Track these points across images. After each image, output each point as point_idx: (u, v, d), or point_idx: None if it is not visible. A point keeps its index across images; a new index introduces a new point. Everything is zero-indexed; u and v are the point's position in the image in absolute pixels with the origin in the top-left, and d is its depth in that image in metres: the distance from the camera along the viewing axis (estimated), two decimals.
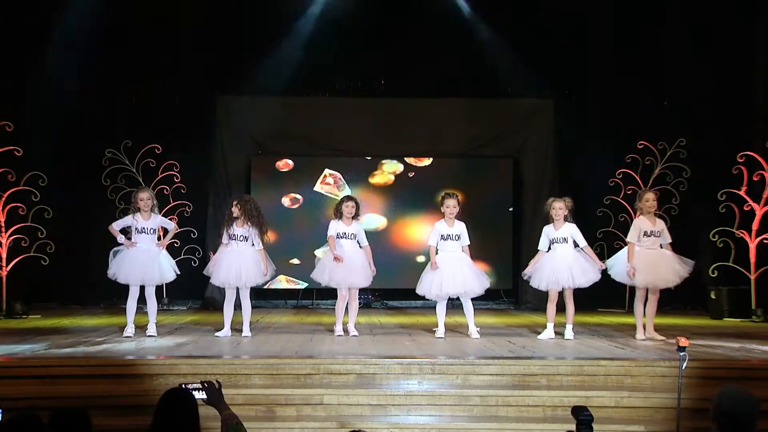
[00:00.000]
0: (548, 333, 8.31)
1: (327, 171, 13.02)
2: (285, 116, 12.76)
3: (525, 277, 8.55)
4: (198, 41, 12.15)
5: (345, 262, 8.40)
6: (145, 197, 8.31)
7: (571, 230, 8.22)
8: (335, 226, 8.56)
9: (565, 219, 8.28)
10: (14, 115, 11.00)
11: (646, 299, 8.26)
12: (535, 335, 8.46)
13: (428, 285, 8.34)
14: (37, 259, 11.06)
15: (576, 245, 8.24)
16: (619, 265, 8.31)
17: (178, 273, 8.60)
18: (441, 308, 8.45)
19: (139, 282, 8.23)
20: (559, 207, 8.25)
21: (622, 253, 8.35)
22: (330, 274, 8.48)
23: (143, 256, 8.21)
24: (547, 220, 8.37)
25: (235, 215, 8.29)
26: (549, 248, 8.32)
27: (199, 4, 12.01)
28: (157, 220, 8.47)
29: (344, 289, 8.51)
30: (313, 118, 12.81)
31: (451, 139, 12.95)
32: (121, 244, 8.25)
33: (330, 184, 13.00)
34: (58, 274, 11.55)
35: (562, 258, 8.18)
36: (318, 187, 13.00)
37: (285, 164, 13.10)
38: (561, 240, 8.21)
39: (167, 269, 8.41)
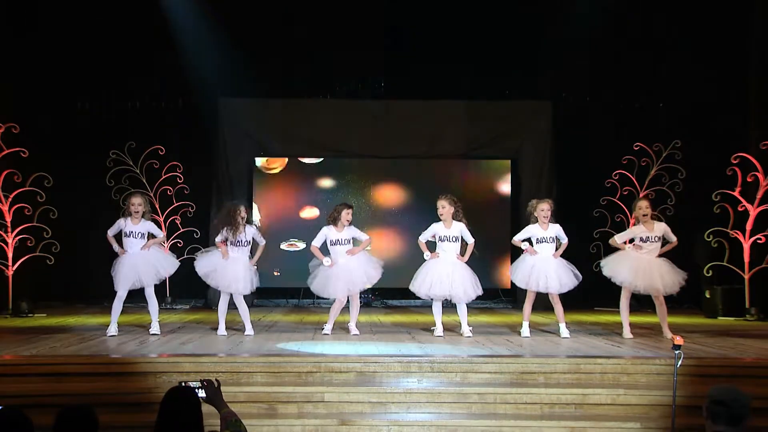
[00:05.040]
0: (524, 331, 8.49)
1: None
2: (287, 118, 12.89)
3: (510, 274, 8.71)
4: (201, 44, 12.26)
5: (342, 271, 8.44)
6: (136, 202, 8.39)
7: (557, 230, 8.45)
8: (326, 233, 8.58)
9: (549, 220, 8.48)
10: (20, 117, 11.12)
11: (652, 302, 8.48)
12: (533, 334, 8.57)
13: (419, 284, 8.44)
14: (43, 259, 11.16)
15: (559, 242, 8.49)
16: (610, 263, 8.47)
17: (178, 264, 8.71)
18: (437, 308, 8.57)
19: (132, 285, 8.31)
20: (548, 208, 8.41)
21: (616, 255, 8.50)
22: (333, 288, 8.50)
23: (132, 260, 8.30)
24: (530, 220, 8.56)
25: (243, 218, 8.36)
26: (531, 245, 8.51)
27: (201, 6, 12.10)
28: (147, 225, 8.49)
29: (344, 297, 8.60)
30: (315, 120, 12.90)
31: (451, 140, 13.07)
32: (116, 254, 8.38)
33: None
34: (63, 273, 11.64)
35: (542, 261, 8.36)
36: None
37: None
38: (550, 240, 8.39)
39: (164, 265, 8.51)
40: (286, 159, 13.20)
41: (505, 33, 12.38)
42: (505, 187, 13.30)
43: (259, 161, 13.18)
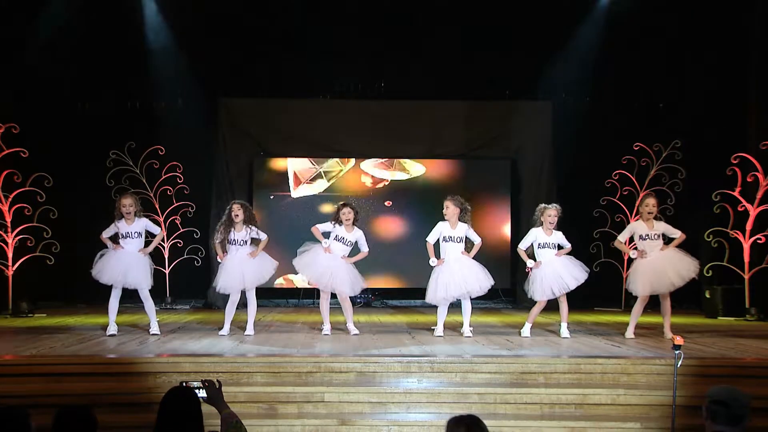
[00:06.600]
0: (525, 331, 8.51)
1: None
2: (286, 118, 12.92)
3: (528, 294, 8.61)
4: (201, 44, 12.27)
5: (333, 266, 8.47)
6: (127, 203, 8.37)
7: (560, 237, 8.47)
8: (334, 228, 8.63)
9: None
10: (20, 117, 11.12)
11: (650, 302, 8.50)
12: (533, 334, 8.58)
13: (435, 291, 8.40)
14: (43, 259, 11.17)
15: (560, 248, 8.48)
16: (631, 284, 8.44)
17: (151, 286, 8.54)
18: (442, 310, 8.56)
19: (120, 284, 8.30)
20: (555, 214, 8.40)
21: (631, 272, 8.47)
22: (314, 272, 8.56)
23: (127, 258, 8.29)
24: (535, 223, 8.53)
25: (236, 216, 8.36)
26: (532, 251, 8.50)
27: (201, 6, 12.10)
28: (142, 223, 8.48)
29: (325, 288, 8.62)
30: (315, 120, 12.92)
31: (451, 140, 13.08)
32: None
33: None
34: (63, 273, 11.64)
35: (548, 265, 8.35)
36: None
37: None
38: (552, 245, 8.40)
39: (144, 278, 8.39)
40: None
41: (504, 33, 12.38)
42: (505, 187, 13.30)
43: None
